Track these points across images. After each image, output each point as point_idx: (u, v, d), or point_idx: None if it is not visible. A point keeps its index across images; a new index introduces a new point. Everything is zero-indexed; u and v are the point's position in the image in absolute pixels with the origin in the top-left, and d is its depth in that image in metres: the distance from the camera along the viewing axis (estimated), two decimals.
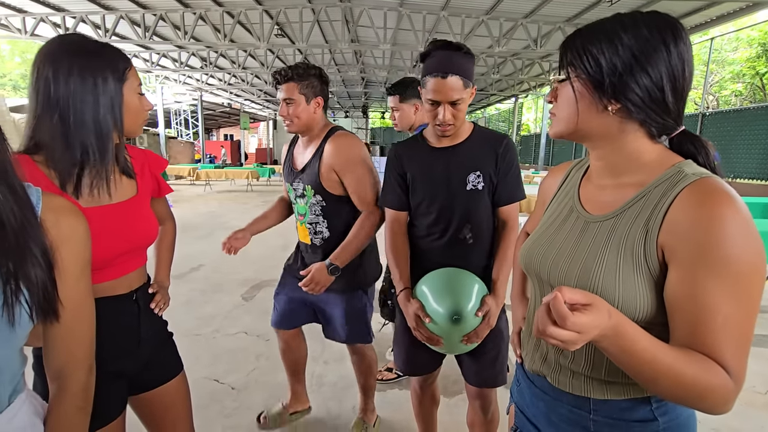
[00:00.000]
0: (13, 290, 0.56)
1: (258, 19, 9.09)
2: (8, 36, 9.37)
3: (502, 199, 1.31)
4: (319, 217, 1.58)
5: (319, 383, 2.29)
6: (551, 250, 0.75)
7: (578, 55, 0.66)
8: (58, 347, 0.69)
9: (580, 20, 8.90)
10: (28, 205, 0.61)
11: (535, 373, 0.81)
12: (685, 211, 0.58)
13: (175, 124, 20.70)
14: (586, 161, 0.81)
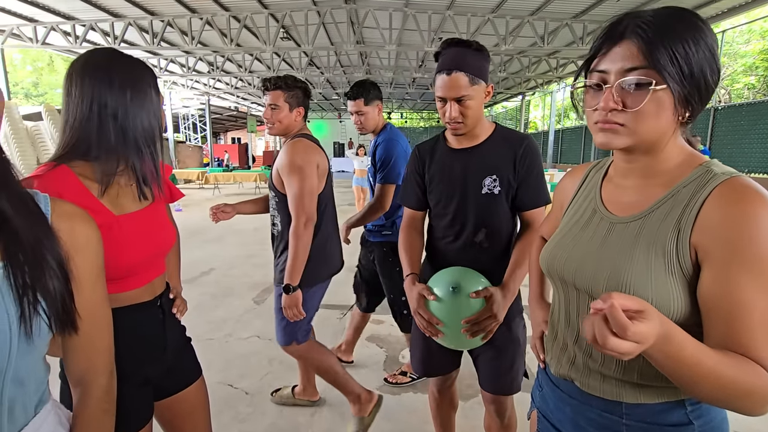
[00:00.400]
0: (30, 302, 0.56)
1: (264, 23, 9.13)
2: (20, 45, 9.52)
3: (524, 203, 1.25)
4: (275, 211, 1.75)
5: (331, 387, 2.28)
6: (576, 253, 0.73)
7: (669, 54, 0.57)
8: (78, 356, 0.69)
9: (588, 16, 8.81)
10: (40, 215, 0.61)
11: (561, 378, 0.79)
12: (717, 210, 0.57)
13: (183, 128, 20.90)
14: (605, 162, 0.79)
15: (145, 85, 0.93)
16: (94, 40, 9.60)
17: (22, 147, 7.59)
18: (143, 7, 8.58)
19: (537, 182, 1.24)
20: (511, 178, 1.23)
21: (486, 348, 1.28)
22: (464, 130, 1.22)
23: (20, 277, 0.56)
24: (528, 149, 1.24)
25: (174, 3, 8.35)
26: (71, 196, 0.85)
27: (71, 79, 0.88)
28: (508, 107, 24.29)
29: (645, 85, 0.57)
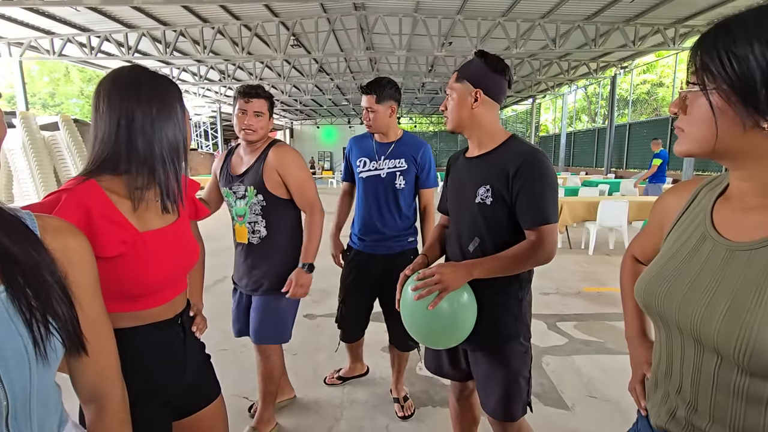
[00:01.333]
0: (41, 323, 0.56)
1: (275, 31, 9.21)
2: (37, 57, 9.75)
3: (523, 222, 1.20)
4: (258, 216, 1.74)
5: (350, 400, 2.23)
6: (679, 286, 0.63)
7: (719, 58, 0.54)
8: (87, 373, 0.69)
9: (600, 18, 8.70)
10: (33, 237, 0.60)
11: (660, 429, 0.70)
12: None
13: (195, 136, 21.17)
14: (721, 179, 0.68)
15: (171, 99, 0.94)
16: (108, 51, 9.78)
17: (40, 156, 7.74)
18: (156, 18, 8.72)
19: (531, 202, 1.17)
20: (504, 192, 1.20)
21: (477, 368, 1.33)
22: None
23: (24, 299, 0.55)
24: (524, 167, 1.17)
25: (186, 13, 8.47)
26: (98, 210, 0.85)
27: (99, 95, 0.89)
28: (519, 110, 24.14)
29: (699, 90, 0.56)
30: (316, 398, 2.21)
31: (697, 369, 0.61)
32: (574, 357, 2.64)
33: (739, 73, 0.52)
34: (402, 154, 1.94)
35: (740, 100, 0.53)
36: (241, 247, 1.81)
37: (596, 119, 17.53)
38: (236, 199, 1.76)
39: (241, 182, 1.73)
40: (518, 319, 1.27)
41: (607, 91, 15.34)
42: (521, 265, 1.18)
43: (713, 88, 0.55)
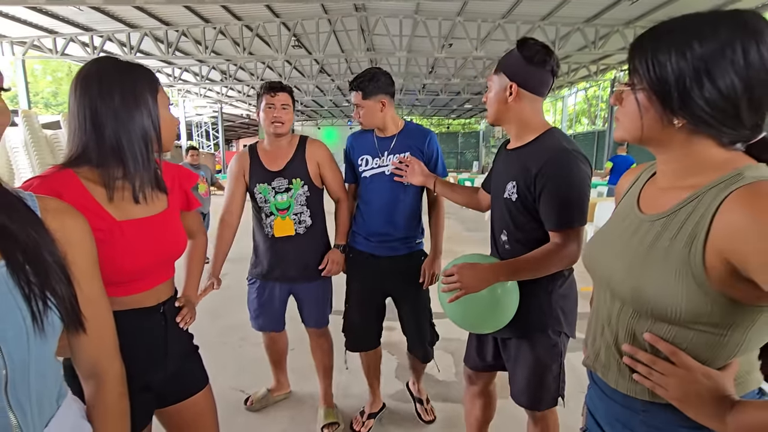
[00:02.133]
0: (39, 298, 0.58)
1: (276, 32, 9.26)
2: (40, 56, 9.81)
3: (546, 223, 1.17)
4: (304, 206, 1.82)
5: (345, 394, 2.26)
6: (605, 249, 0.77)
7: (645, 62, 0.63)
8: (87, 348, 0.72)
9: (600, 20, 8.74)
10: (33, 216, 0.62)
11: (589, 369, 0.83)
12: (731, 214, 0.57)
13: (196, 135, 21.23)
14: (656, 164, 0.79)
15: (138, 88, 0.92)
16: (111, 51, 9.83)
17: (41, 154, 7.79)
18: (158, 17, 8.78)
19: (552, 203, 1.14)
20: (526, 191, 1.19)
21: (506, 355, 1.37)
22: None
23: (23, 275, 0.57)
24: (547, 166, 1.14)
25: (188, 13, 8.52)
26: (71, 197, 0.86)
27: (70, 91, 0.91)
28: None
29: (630, 86, 0.66)
30: (311, 392, 2.24)
31: (608, 312, 0.75)
32: (569, 354, 2.66)
33: (659, 77, 0.61)
34: (407, 147, 1.78)
35: (659, 100, 0.62)
36: (282, 240, 1.82)
37: (596, 122, 17.55)
38: (276, 193, 1.79)
39: (284, 176, 1.79)
40: (546, 311, 1.26)
41: (607, 93, 15.37)
42: (546, 267, 1.16)
43: (640, 88, 0.64)
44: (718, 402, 0.60)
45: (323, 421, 1.96)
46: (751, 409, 0.57)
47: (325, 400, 2.05)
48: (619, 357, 0.73)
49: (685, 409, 0.63)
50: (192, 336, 1.19)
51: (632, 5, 7.74)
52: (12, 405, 0.57)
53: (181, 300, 1.15)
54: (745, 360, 0.66)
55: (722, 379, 0.62)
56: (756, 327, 0.61)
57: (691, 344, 0.64)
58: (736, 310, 0.60)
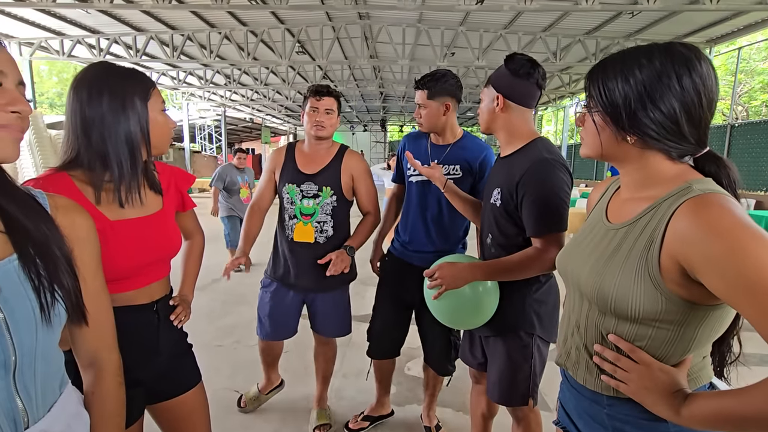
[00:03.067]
0: (48, 291, 0.61)
1: (280, 38, 9.36)
2: (47, 57, 9.92)
3: (527, 230, 1.22)
4: (328, 216, 1.77)
5: (338, 397, 2.28)
6: (574, 255, 0.83)
7: (597, 88, 0.72)
8: (87, 339, 0.75)
9: (601, 33, 8.83)
10: (44, 212, 0.65)
11: (562, 367, 0.88)
12: (681, 223, 0.63)
13: (199, 138, 21.33)
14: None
15: (125, 93, 0.93)
16: (117, 53, 9.94)
17: (45, 154, 7.86)
18: (164, 21, 8.88)
19: (531, 212, 1.18)
20: (509, 197, 1.25)
21: (489, 356, 1.43)
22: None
23: (34, 268, 0.61)
24: (528, 175, 1.18)
25: (194, 18, 8.62)
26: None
27: (68, 92, 0.94)
28: None
29: (588, 109, 0.76)
30: (306, 394, 2.26)
31: (578, 313, 0.82)
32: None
33: (610, 100, 0.71)
34: (457, 160, 1.69)
35: (612, 120, 0.71)
36: (300, 245, 1.78)
37: None
38: (303, 197, 1.76)
39: (314, 181, 1.75)
40: (520, 313, 1.31)
41: None
42: (523, 271, 1.22)
43: (596, 110, 0.73)
44: (673, 395, 0.66)
45: (316, 422, 1.98)
46: (701, 400, 0.63)
47: (319, 403, 2.06)
48: (587, 356, 0.79)
49: (644, 402, 0.69)
50: (186, 335, 1.21)
51: (632, 19, 7.82)
52: (19, 390, 0.60)
53: (176, 299, 1.17)
54: (697, 357, 0.73)
55: (676, 374, 0.68)
56: (706, 324, 0.68)
57: (650, 341, 0.71)
58: (688, 308, 0.66)
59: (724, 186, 0.68)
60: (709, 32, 8.29)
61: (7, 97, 0.57)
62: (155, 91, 1.00)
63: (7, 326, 0.57)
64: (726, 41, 8.67)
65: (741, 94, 16.61)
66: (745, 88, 16.82)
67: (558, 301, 1.37)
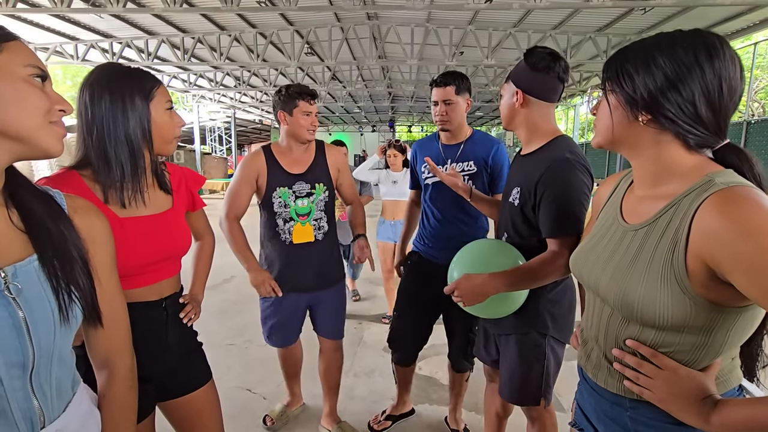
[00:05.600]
0: (65, 291, 0.62)
1: (289, 39, 9.41)
2: (61, 62, 10.10)
3: (543, 231, 1.19)
4: (322, 212, 1.77)
5: (350, 396, 2.28)
6: (591, 258, 0.79)
7: (615, 72, 0.71)
8: (102, 340, 0.75)
9: (612, 30, 8.71)
10: (62, 213, 0.66)
11: (583, 370, 0.86)
12: (706, 220, 0.59)
13: (210, 140, 21.55)
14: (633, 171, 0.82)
15: (125, 94, 0.94)
16: (130, 57, 10.09)
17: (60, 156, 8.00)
18: (176, 25, 8.99)
19: (551, 211, 1.15)
20: (528, 197, 1.21)
21: (501, 354, 1.42)
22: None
23: (52, 269, 0.61)
24: (547, 175, 1.16)
25: (204, 21, 8.72)
26: None
27: (77, 95, 0.97)
28: None
29: (603, 94, 0.73)
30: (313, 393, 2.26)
31: (599, 318, 0.78)
32: (573, 362, 2.65)
33: (625, 78, 0.69)
34: (471, 156, 1.73)
35: (624, 98, 0.69)
36: (300, 247, 1.74)
37: None
38: (297, 198, 1.72)
39: (305, 180, 1.73)
40: (533, 312, 1.28)
41: None
42: (543, 277, 1.16)
43: (610, 90, 0.71)
44: (702, 402, 0.62)
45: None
46: (733, 407, 0.59)
47: (333, 417, 1.99)
48: (606, 361, 0.76)
49: (670, 410, 0.65)
50: (195, 333, 1.22)
51: (644, 15, 7.70)
52: (35, 390, 0.60)
53: (185, 297, 1.18)
54: (726, 359, 0.69)
55: (705, 379, 0.64)
56: (736, 327, 0.64)
57: (678, 347, 0.66)
58: (717, 312, 0.62)
59: (746, 178, 0.64)
60: (724, 27, 8.12)
61: (55, 97, 0.61)
62: (160, 90, 1.00)
63: (27, 327, 0.58)
64: (741, 36, 8.49)
65: (757, 90, 16.26)
66: (761, 84, 16.46)
67: (574, 301, 1.34)
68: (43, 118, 0.59)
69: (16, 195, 0.63)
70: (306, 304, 1.86)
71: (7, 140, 0.57)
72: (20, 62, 0.57)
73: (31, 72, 0.58)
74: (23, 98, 0.57)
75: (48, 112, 0.59)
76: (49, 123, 0.60)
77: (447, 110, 1.69)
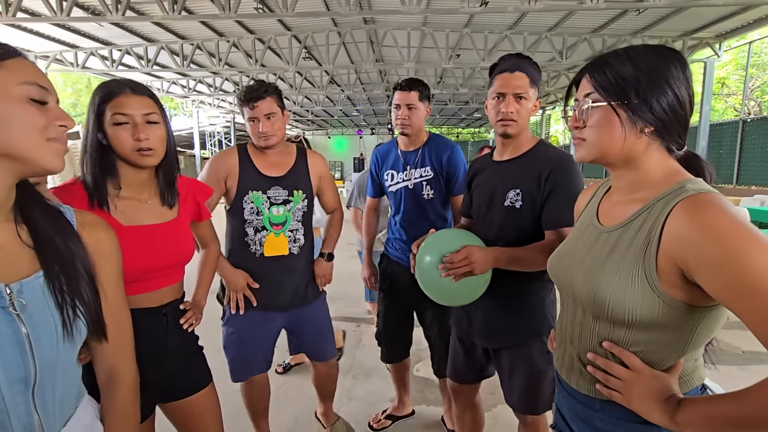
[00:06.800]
0: (70, 307, 0.63)
1: (287, 44, 9.48)
2: (62, 69, 10.17)
3: (546, 223, 1.23)
4: (299, 223, 1.59)
5: (348, 397, 2.32)
6: (567, 259, 0.82)
7: (611, 79, 0.69)
8: (107, 353, 0.76)
9: (607, 31, 8.77)
10: (70, 228, 0.68)
11: (557, 370, 0.88)
12: (677, 224, 0.63)
13: (209, 145, 21.62)
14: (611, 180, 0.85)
15: (92, 108, 1.00)
16: (129, 64, 10.16)
17: None
18: (174, 32, 9.06)
19: (561, 203, 1.19)
20: (535, 195, 1.23)
21: (500, 365, 1.37)
22: (514, 130, 1.27)
23: (57, 284, 0.63)
24: (557, 170, 1.21)
25: (203, 28, 8.79)
26: (77, 204, 0.94)
27: None
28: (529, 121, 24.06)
29: (593, 104, 0.72)
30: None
31: (572, 319, 0.81)
32: None
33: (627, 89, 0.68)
34: (429, 161, 1.77)
35: (631, 110, 0.69)
36: (271, 260, 1.55)
37: None
38: (272, 205, 1.53)
39: (282, 185, 1.54)
40: (540, 317, 1.29)
41: None
42: (540, 262, 1.15)
43: (605, 103, 0.70)
44: (666, 402, 0.65)
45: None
46: (697, 405, 0.62)
47: (328, 418, 1.92)
48: (580, 363, 0.79)
49: (638, 411, 0.68)
50: (197, 337, 1.25)
51: (639, 16, 7.76)
52: (37, 406, 0.60)
53: (186, 304, 1.21)
54: (690, 359, 0.72)
55: (668, 379, 0.67)
56: (701, 326, 0.67)
57: (646, 346, 0.70)
58: (684, 311, 0.65)
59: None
60: (719, 27, 8.18)
61: (56, 112, 0.61)
62: (109, 106, 0.99)
63: (29, 343, 0.58)
64: (736, 35, 8.55)
65: (753, 88, 16.30)
66: (757, 83, 16.50)
67: None
68: (39, 136, 0.58)
69: (26, 211, 0.64)
70: (280, 325, 1.66)
71: (7, 159, 0.57)
72: (17, 80, 0.57)
73: (28, 90, 0.57)
74: (15, 119, 0.56)
75: (44, 129, 0.58)
76: (47, 140, 0.59)
77: (409, 114, 1.73)
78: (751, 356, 2.41)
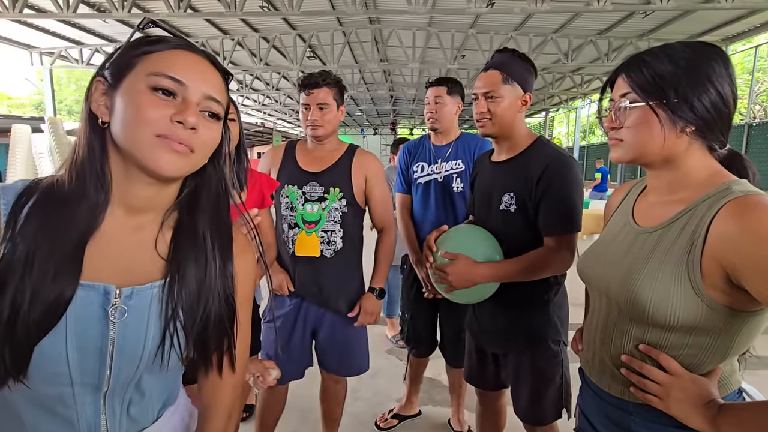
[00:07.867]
0: (171, 333, 0.57)
1: (291, 43, 9.49)
2: (66, 66, 10.20)
3: (543, 228, 1.18)
4: (336, 224, 1.48)
5: (354, 397, 2.30)
6: (602, 259, 0.80)
7: (648, 78, 0.68)
8: (227, 389, 0.67)
9: (613, 33, 8.75)
10: (227, 250, 0.62)
11: (586, 373, 0.86)
12: (724, 225, 0.61)
13: None
14: (645, 180, 0.84)
15: None
16: None
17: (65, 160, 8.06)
18: (179, 29, 9.07)
19: (551, 207, 1.14)
20: (527, 199, 1.18)
21: (507, 371, 1.34)
22: (490, 130, 1.23)
23: (172, 303, 0.57)
24: (549, 172, 1.14)
25: (208, 25, 8.80)
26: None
27: None
28: (532, 123, 24.10)
29: (631, 105, 0.69)
30: None
31: (605, 321, 0.78)
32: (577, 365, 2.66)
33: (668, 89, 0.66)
34: (460, 155, 1.78)
35: (671, 110, 0.67)
36: (303, 261, 1.48)
37: None
38: (306, 201, 1.47)
39: (319, 181, 1.47)
40: (545, 321, 1.25)
41: None
42: (537, 272, 1.16)
43: (654, 103, 0.68)
44: (706, 406, 0.63)
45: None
46: (741, 411, 0.61)
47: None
48: (612, 366, 0.76)
49: (677, 416, 0.66)
50: None
51: (645, 18, 7.74)
52: (106, 409, 0.57)
53: None
54: (728, 363, 0.70)
55: (708, 384, 0.65)
56: (744, 331, 0.66)
57: (686, 350, 0.68)
58: (728, 315, 0.64)
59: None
60: (725, 30, 8.16)
61: (180, 107, 0.55)
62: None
63: (111, 355, 0.54)
64: (742, 39, 8.54)
65: (759, 92, 16.26)
66: (762, 87, 16.45)
67: (568, 303, 1.34)
68: (160, 128, 0.52)
69: (186, 218, 0.60)
70: (312, 330, 1.57)
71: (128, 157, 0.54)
72: (145, 71, 0.54)
73: (153, 81, 0.53)
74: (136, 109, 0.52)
75: (169, 122, 0.53)
76: (158, 137, 0.52)
77: (436, 108, 1.76)
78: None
